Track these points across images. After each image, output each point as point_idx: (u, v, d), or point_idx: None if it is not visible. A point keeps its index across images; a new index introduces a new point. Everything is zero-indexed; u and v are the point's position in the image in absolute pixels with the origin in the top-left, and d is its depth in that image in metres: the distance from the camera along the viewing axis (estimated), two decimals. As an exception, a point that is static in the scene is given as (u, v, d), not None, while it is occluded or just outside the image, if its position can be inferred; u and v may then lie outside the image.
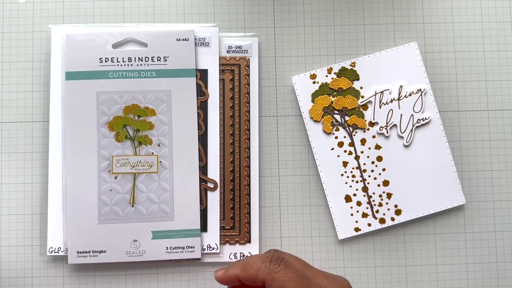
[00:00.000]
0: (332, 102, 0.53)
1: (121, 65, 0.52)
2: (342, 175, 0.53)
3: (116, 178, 0.51)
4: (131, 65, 0.52)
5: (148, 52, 0.52)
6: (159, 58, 0.52)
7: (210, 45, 0.53)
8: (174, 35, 0.52)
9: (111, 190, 0.51)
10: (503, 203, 0.54)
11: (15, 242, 0.52)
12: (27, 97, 0.53)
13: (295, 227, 0.53)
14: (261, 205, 0.53)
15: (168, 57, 0.52)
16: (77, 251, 0.50)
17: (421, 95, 0.53)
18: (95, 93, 0.51)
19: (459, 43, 0.55)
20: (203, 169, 0.52)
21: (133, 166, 0.51)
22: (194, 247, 0.51)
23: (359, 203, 0.53)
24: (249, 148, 0.53)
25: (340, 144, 0.53)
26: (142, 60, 0.52)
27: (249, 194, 0.53)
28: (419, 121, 0.53)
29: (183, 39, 0.52)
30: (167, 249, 0.51)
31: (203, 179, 0.52)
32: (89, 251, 0.50)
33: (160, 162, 0.52)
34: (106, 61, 0.52)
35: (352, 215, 0.52)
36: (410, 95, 0.53)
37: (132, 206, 0.51)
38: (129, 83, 0.52)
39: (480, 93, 0.54)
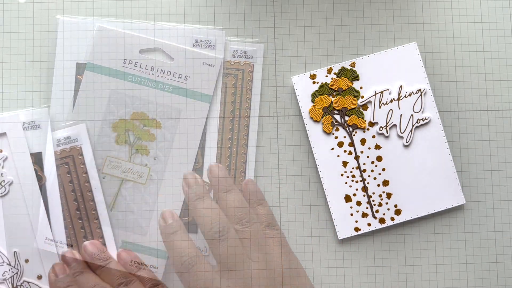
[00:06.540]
0: (332, 102, 0.53)
1: (143, 71, 0.51)
2: (342, 175, 0.53)
3: (104, 178, 0.51)
4: (152, 74, 0.51)
5: (171, 67, 0.52)
6: (180, 76, 0.52)
7: (215, 48, 0.53)
8: (202, 58, 0.52)
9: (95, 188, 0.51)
10: (503, 203, 0.54)
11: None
12: (27, 97, 0.53)
13: (295, 227, 0.53)
14: (261, 205, 0.53)
15: (189, 77, 0.52)
16: (46, 238, 0.50)
17: (420, 95, 0.53)
18: (108, 91, 0.51)
19: (459, 43, 0.55)
20: (200, 171, 0.52)
21: (123, 172, 0.51)
22: (157, 268, 0.51)
23: (359, 203, 0.53)
24: (246, 147, 0.53)
25: (340, 144, 0.53)
26: (163, 73, 0.52)
27: (249, 194, 0.53)
28: (418, 121, 0.53)
29: (209, 64, 0.52)
30: (131, 262, 0.50)
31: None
32: (58, 241, 0.50)
33: (151, 175, 0.51)
34: (129, 63, 0.51)
35: (352, 215, 0.53)
36: (410, 95, 0.53)
37: (111, 209, 0.51)
38: (144, 91, 0.51)
39: (480, 93, 0.54)
